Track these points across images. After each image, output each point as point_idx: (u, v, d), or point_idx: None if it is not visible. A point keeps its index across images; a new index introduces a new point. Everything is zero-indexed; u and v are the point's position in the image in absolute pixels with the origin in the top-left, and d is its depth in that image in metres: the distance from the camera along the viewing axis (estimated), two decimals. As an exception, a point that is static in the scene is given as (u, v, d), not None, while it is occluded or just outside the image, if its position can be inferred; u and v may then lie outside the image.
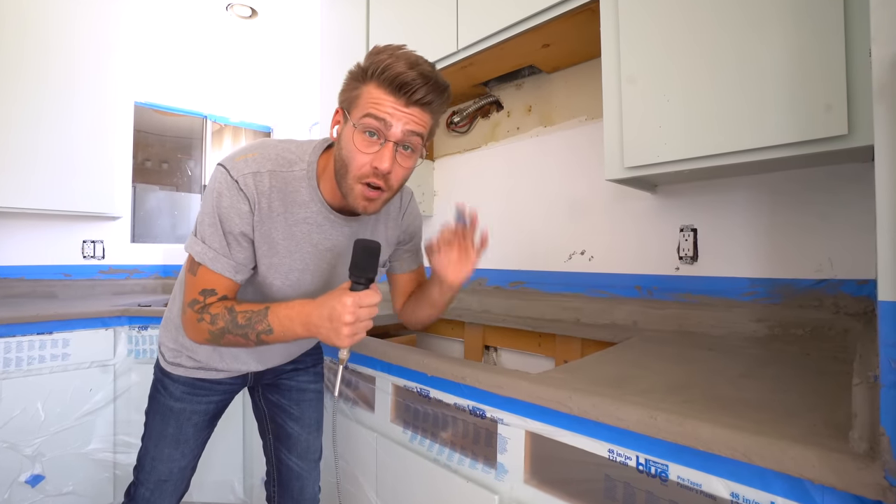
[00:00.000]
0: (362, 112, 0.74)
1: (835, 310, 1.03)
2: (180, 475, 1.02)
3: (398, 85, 0.72)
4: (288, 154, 0.82)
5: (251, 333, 0.79)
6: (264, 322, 0.78)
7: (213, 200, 0.78)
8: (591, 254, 1.48)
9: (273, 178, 0.80)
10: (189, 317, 0.82)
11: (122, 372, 1.82)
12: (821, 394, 0.70)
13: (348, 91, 0.79)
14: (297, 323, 0.77)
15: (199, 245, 0.80)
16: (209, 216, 0.79)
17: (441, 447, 1.00)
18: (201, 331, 0.81)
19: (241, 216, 0.78)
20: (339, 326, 0.73)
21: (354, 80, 0.77)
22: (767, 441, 0.54)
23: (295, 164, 0.82)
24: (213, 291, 0.81)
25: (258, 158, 0.79)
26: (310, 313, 0.76)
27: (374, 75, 0.74)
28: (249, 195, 0.78)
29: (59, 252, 2.25)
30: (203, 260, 0.79)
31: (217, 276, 0.80)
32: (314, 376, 1.14)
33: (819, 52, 0.79)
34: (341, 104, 0.80)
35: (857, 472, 0.47)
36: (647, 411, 0.64)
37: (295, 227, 0.83)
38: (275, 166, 0.80)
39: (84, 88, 2.07)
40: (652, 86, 1.00)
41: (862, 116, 0.75)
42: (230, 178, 0.77)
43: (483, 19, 1.36)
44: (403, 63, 0.73)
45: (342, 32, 1.97)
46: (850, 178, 1.02)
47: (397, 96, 0.73)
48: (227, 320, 0.79)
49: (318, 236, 0.86)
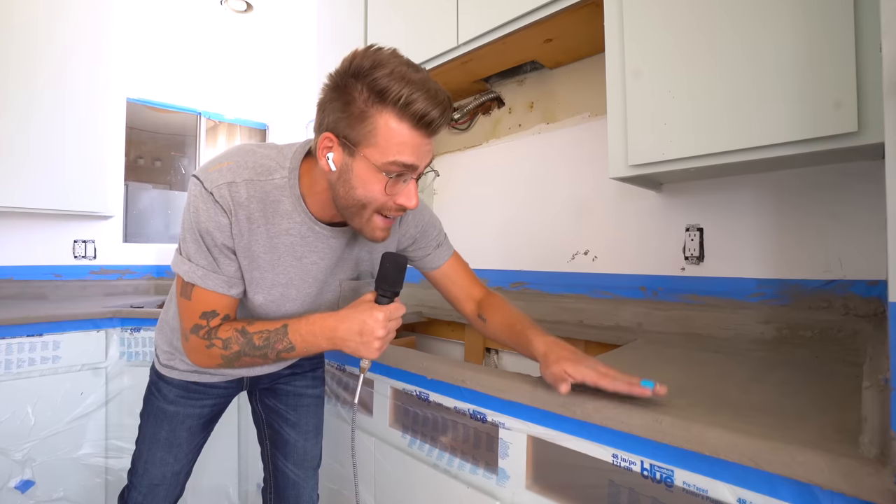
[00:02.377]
0: (387, 157, 0.68)
1: (844, 311, 1.03)
2: (173, 479, 1.02)
3: (426, 123, 0.68)
4: (266, 161, 0.78)
5: (271, 353, 0.78)
6: (285, 340, 0.77)
7: (191, 216, 0.75)
8: (594, 254, 1.48)
9: (251, 187, 0.76)
10: (195, 344, 0.79)
11: (114, 375, 1.82)
12: (830, 397, 0.70)
13: (347, 116, 0.69)
14: (322, 338, 0.77)
15: (185, 264, 0.77)
16: (190, 232, 0.76)
17: (441, 452, 1.00)
18: (213, 356, 0.79)
19: (220, 229, 0.75)
20: (371, 340, 0.75)
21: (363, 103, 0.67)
22: (775, 446, 0.54)
23: (275, 172, 0.78)
24: (215, 313, 0.79)
25: (233, 167, 0.75)
26: (335, 327, 0.76)
27: (392, 104, 0.66)
28: (226, 207, 0.74)
29: (49, 252, 2.25)
30: (192, 279, 0.77)
31: (213, 295, 0.78)
32: (313, 381, 1.14)
33: (828, 47, 0.79)
34: (333, 130, 0.71)
35: (867, 478, 0.47)
36: (652, 415, 0.64)
37: (277, 239, 0.80)
38: (252, 175, 0.76)
39: (75, 84, 2.07)
40: (657, 82, 1.00)
41: (872, 113, 0.75)
42: (205, 190, 0.74)
43: (484, 13, 1.36)
44: (424, 96, 0.66)
45: (339, 27, 1.97)
46: (859, 176, 1.02)
47: (422, 132, 0.69)
48: (241, 343, 0.78)
49: (301, 249, 0.82)
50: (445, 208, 1.96)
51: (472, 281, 1.01)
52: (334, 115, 0.70)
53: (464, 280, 1.00)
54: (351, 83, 0.68)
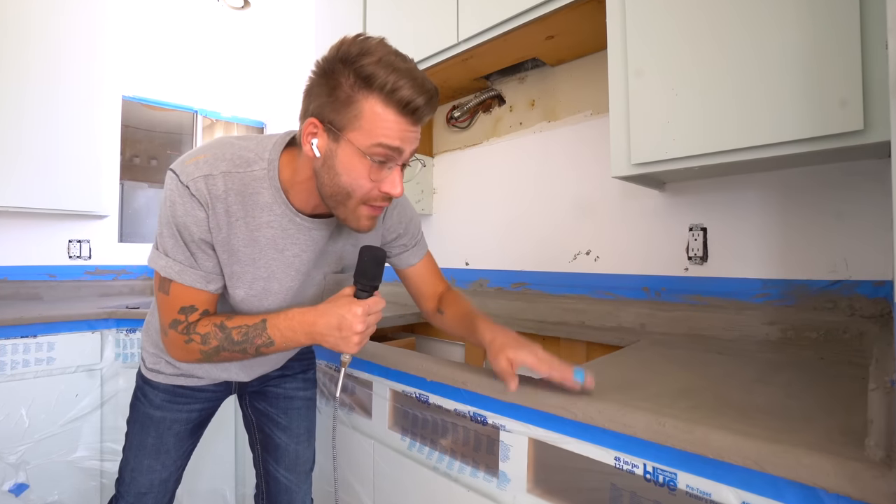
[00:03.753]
0: (371, 139, 0.69)
1: (850, 312, 1.03)
2: (161, 487, 1.01)
3: (411, 109, 0.69)
4: (245, 153, 0.78)
5: (249, 348, 0.78)
6: (264, 335, 0.78)
7: (167, 210, 0.75)
8: (596, 254, 1.48)
9: (228, 179, 0.75)
10: (173, 339, 0.80)
11: (110, 376, 1.82)
12: (835, 399, 0.70)
13: (333, 101, 0.70)
14: (300, 333, 0.77)
15: (162, 259, 0.77)
16: (167, 227, 0.76)
17: (441, 455, 1.00)
18: (191, 351, 0.80)
19: (197, 223, 0.75)
20: (350, 335, 0.74)
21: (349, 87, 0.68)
22: (780, 448, 0.54)
23: (253, 164, 0.77)
24: (193, 308, 0.79)
25: (210, 160, 0.75)
26: (314, 322, 0.76)
27: (378, 90, 0.67)
28: (202, 200, 0.74)
29: (43, 252, 2.25)
30: (169, 274, 0.77)
31: (191, 291, 0.78)
32: (303, 383, 1.13)
33: (833, 45, 0.79)
34: (318, 115, 0.71)
35: (872, 481, 0.47)
36: (655, 417, 0.64)
37: (257, 232, 0.80)
38: (230, 167, 0.76)
39: (69, 81, 2.07)
40: (660, 79, 1.00)
41: (878, 111, 0.75)
42: (180, 183, 0.74)
43: (485, 10, 1.36)
44: (410, 83, 0.67)
45: (338, 23, 1.97)
46: (865, 175, 1.02)
47: (408, 119, 0.70)
48: (220, 338, 0.78)
49: (283, 241, 0.82)
50: (445, 207, 1.96)
51: (439, 279, 1.05)
52: (320, 100, 0.71)
53: (434, 278, 1.03)
54: (338, 69, 0.69)
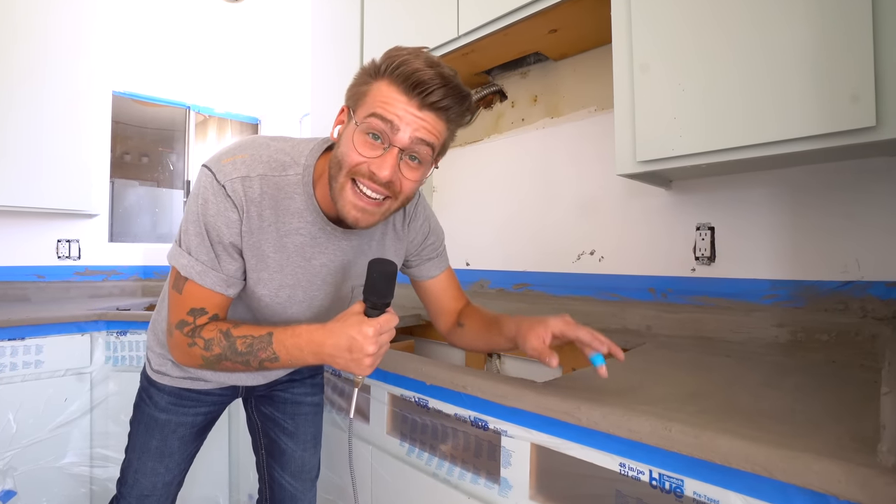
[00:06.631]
0: (368, 111, 0.71)
1: (862, 314, 1.03)
2: (164, 490, 1.02)
3: (413, 83, 0.69)
4: (281, 156, 0.78)
5: (253, 361, 0.77)
6: (268, 350, 0.76)
7: (198, 207, 0.75)
8: (601, 254, 1.48)
9: (264, 183, 0.76)
10: (178, 340, 0.79)
11: (100, 380, 1.82)
12: (847, 404, 0.71)
13: (356, 87, 0.75)
14: (308, 352, 0.75)
15: (184, 257, 0.76)
16: (194, 225, 0.75)
17: (441, 461, 1.00)
18: (193, 356, 0.79)
19: (229, 225, 0.75)
20: (361, 357, 0.72)
21: (366, 75, 0.74)
22: (790, 454, 0.54)
23: (289, 168, 0.78)
24: (204, 311, 0.78)
25: (248, 161, 0.75)
26: (322, 342, 0.73)
27: (387, 71, 0.70)
28: (238, 202, 0.74)
29: (31, 252, 2.25)
30: (190, 274, 0.76)
31: (207, 293, 0.77)
32: (311, 388, 1.13)
33: (844, 38, 0.79)
34: (347, 101, 0.76)
35: (885, 488, 0.47)
36: (661, 422, 0.64)
37: (286, 238, 0.80)
38: (266, 170, 0.76)
39: (57, 76, 2.07)
40: (666, 74, 1.00)
41: (891, 107, 0.75)
42: (216, 182, 0.74)
43: (486, 2, 1.36)
44: (422, 61, 0.70)
45: (335, 17, 1.97)
46: (877, 172, 1.02)
47: (410, 97, 0.70)
48: (223, 346, 0.77)
49: (311, 250, 0.82)
50: (445, 206, 1.96)
51: (460, 294, 1.04)
52: (351, 90, 0.76)
53: (455, 292, 1.03)
54: (371, 63, 0.74)
